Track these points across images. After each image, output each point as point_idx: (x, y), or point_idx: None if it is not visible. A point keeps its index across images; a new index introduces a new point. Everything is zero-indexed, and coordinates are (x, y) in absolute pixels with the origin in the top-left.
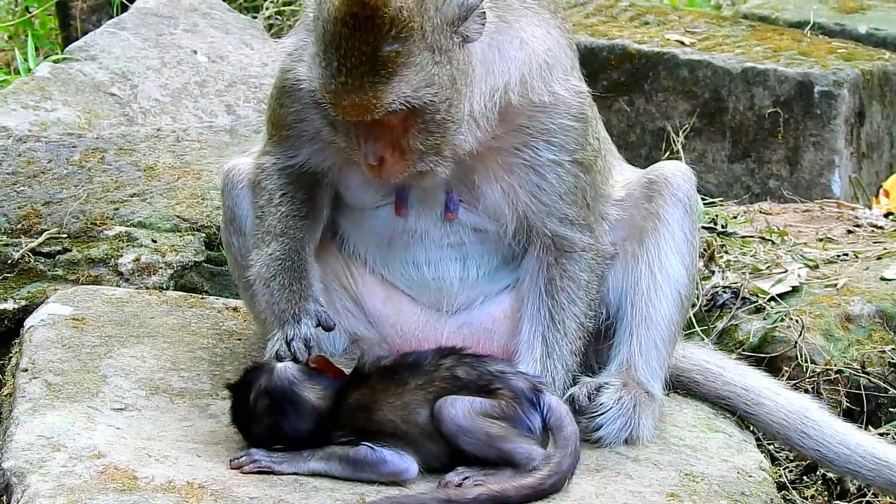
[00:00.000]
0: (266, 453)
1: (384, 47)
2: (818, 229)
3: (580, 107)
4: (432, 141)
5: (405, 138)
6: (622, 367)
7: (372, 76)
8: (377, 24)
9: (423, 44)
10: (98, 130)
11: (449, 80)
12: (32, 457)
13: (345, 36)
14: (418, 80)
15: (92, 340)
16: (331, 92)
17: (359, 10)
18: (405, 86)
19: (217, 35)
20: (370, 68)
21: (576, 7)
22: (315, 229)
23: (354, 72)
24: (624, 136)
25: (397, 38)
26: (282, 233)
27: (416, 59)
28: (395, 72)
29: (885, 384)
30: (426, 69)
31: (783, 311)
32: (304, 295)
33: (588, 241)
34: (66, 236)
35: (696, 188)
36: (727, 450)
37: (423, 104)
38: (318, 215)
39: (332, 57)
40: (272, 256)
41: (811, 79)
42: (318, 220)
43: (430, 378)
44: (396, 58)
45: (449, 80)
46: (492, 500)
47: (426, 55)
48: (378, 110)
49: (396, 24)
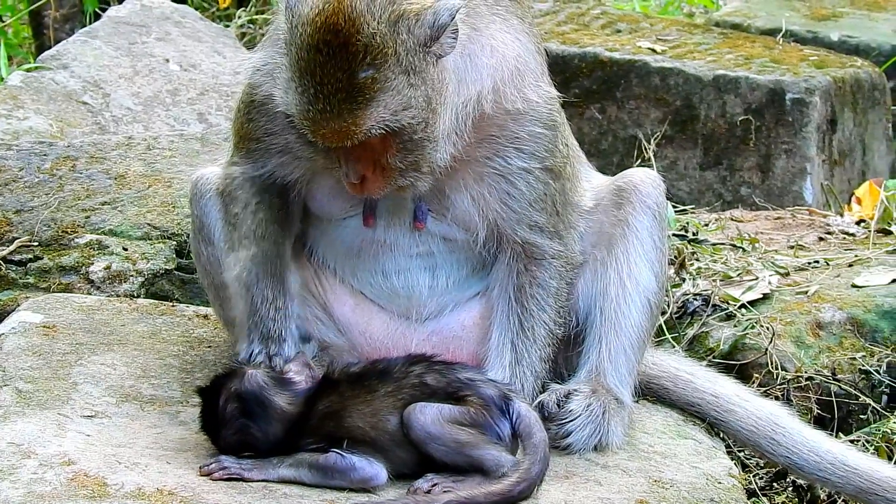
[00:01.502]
0: (236, 460)
1: (360, 74)
2: (790, 237)
3: (550, 114)
4: (411, 158)
5: (385, 157)
6: (591, 374)
7: (349, 103)
8: (351, 52)
9: (398, 68)
10: (70, 139)
11: (425, 100)
12: (2, 464)
13: (319, 63)
14: (395, 104)
15: (63, 348)
16: (309, 119)
17: (332, 38)
18: (383, 110)
19: (189, 44)
20: (347, 95)
21: (548, 15)
22: (290, 235)
23: (331, 99)
24: (595, 143)
25: (372, 63)
26: (262, 237)
27: (391, 84)
28: (373, 97)
29: (856, 391)
30: (402, 92)
31: (754, 319)
32: (287, 313)
33: (558, 248)
34: (38, 244)
35: (667, 195)
36: (696, 456)
37: (401, 126)
38: (292, 222)
39: (308, 84)
40: (254, 260)
41: (783, 86)
42: (293, 226)
43: (399, 385)
44: (373, 84)
45: (425, 101)
46: None
47: (401, 78)
48: (357, 136)
49: (371, 51)
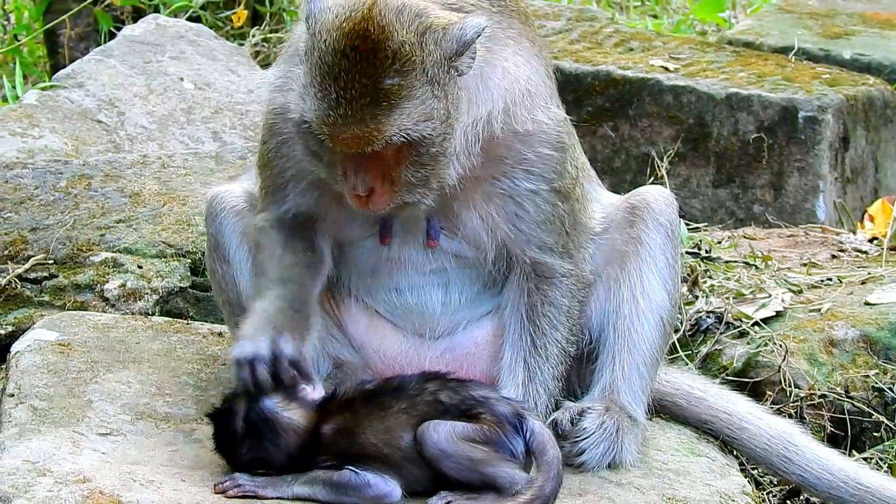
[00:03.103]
0: (250, 478)
1: (386, 80)
2: (802, 254)
3: (559, 135)
4: (423, 173)
5: (396, 170)
6: (605, 392)
7: (373, 108)
8: (379, 58)
9: (423, 77)
10: (85, 157)
11: (444, 113)
12: (18, 481)
13: (345, 68)
14: (418, 114)
15: (78, 366)
16: (328, 123)
17: (360, 43)
18: (406, 118)
19: (204, 62)
20: (371, 100)
21: (560, 33)
22: (319, 279)
23: (355, 104)
24: (608, 161)
25: (399, 71)
26: (289, 279)
27: (415, 93)
28: (397, 104)
29: (869, 409)
30: (426, 103)
31: (767, 336)
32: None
33: (568, 267)
34: (53, 262)
35: (680, 213)
36: (710, 474)
37: (420, 137)
38: (321, 266)
39: (331, 88)
40: (279, 297)
41: (795, 104)
42: (321, 271)
43: (413, 402)
44: (398, 91)
45: (444, 114)
46: None
47: (426, 89)
48: (378, 142)
49: (399, 58)
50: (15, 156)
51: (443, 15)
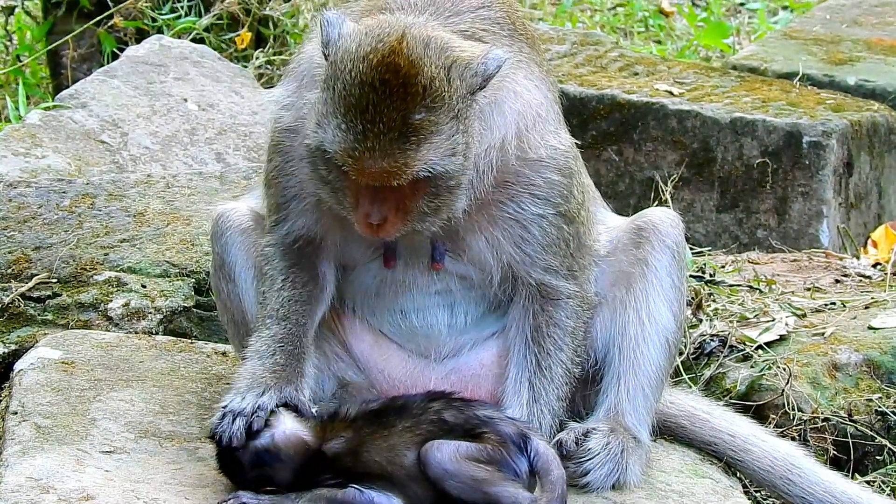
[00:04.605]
0: (254, 496)
1: (415, 115)
2: (806, 279)
3: (566, 161)
4: (437, 203)
5: (412, 201)
6: (610, 413)
7: (402, 143)
8: (410, 92)
9: (450, 112)
10: (88, 177)
11: (465, 146)
12: (21, 499)
13: (373, 101)
14: (444, 149)
15: (81, 384)
16: (354, 157)
17: (391, 77)
18: (433, 154)
19: (207, 83)
20: (399, 135)
21: (565, 57)
22: (318, 312)
23: (383, 138)
24: (613, 185)
25: (428, 106)
26: (284, 317)
27: (443, 128)
28: (425, 139)
29: (872, 432)
30: (451, 138)
31: (770, 360)
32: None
33: (573, 288)
34: (56, 281)
35: (685, 236)
36: (714, 495)
37: (444, 171)
38: (322, 296)
39: (357, 121)
40: (273, 338)
41: (800, 129)
42: (322, 301)
43: (417, 421)
44: (427, 126)
45: (465, 147)
46: None
47: (452, 123)
48: (405, 177)
49: (429, 93)
50: (18, 175)
51: (465, 47)
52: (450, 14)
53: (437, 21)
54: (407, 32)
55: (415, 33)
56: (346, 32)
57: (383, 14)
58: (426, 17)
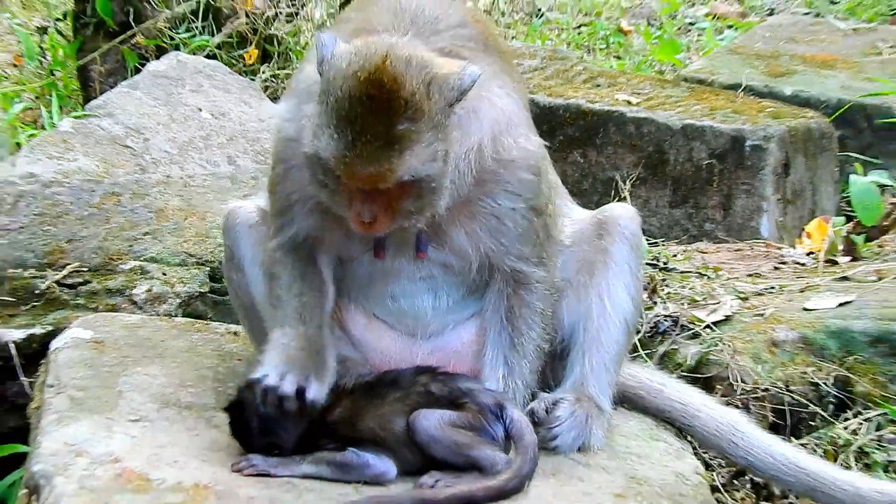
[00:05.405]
0: (263, 458)
1: (398, 126)
2: (748, 266)
3: (536, 161)
4: (420, 203)
5: (398, 202)
6: (576, 385)
7: (387, 150)
8: (393, 106)
9: (430, 123)
10: (114, 177)
11: (444, 153)
12: (58, 462)
13: (361, 113)
14: (425, 155)
15: (110, 360)
16: (345, 163)
17: (377, 93)
18: (415, 160)
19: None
20: (384, 144)
21: (536, 70)
22: (328, 308)
23: (370, 146)
24: (578, 184)
25: (410, 118)
26: (306, 317)
27: (423, 137)
28: (408, 147)
29: (806, 401)
30: (431, 145)
31: (717, 337)
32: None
33: (542, 274)
34: (87, 270)
35: (641, 229)
36: (667, 457)
37: (426, 175)
38: (328, 292)
39: (347, 131)
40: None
41: (743, 134)
42: (329, 296)
43: (406, 392)
44: (409, 135)
45: (444, 153)
46: (461, 500)
47: (431, 133)
48: (390, 181)
49: (410, 106)
50: (52, 176)
51: (443, 64)
52: (430, 33)
53: (418, 40)
54: (390, 52)
55: (397, 53)
56: (338, 52)
57: (370, 34)
58: (409, 36)
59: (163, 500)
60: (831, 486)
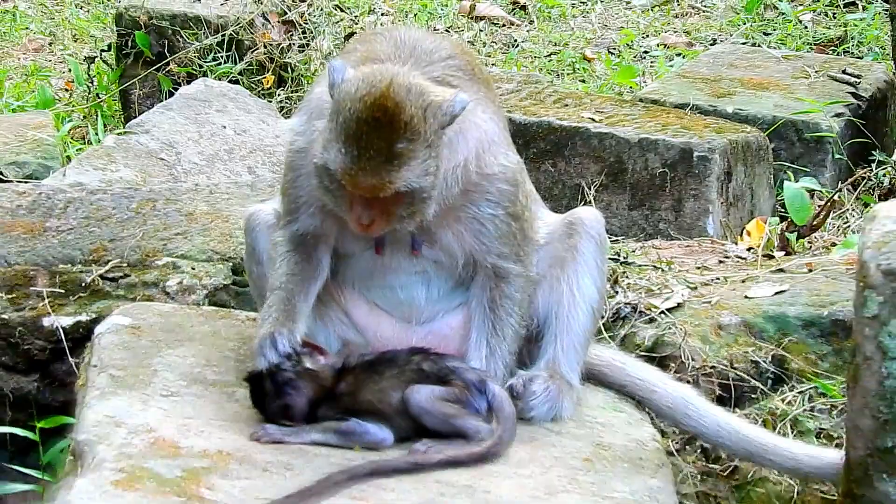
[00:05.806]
0: (278, 428)
1: (398, 144)
2: (697, 260)
3: (514, 174)
4: (412, 209)
5: (394, 208)
6: (549, 363)
7: (387, 165)
8: (395, 127)
9: (425, 142)
10: (150, 185)
11: (435, 168)
12: (100, 431)
13: (366, 132)
14: (419, 170)
15: (146, 344)
16: (350, 174)
17: (380, 115)
18: (410, 174)
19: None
20: (385, 159)
21: (513, 93)
22: (312, 286)
23: (372, 161)
24: (549, 190)
25: (408, 138)
26: (279, 287)
27: (419, 154)
28: (405, 163)
29: (748, 377)
30: (425, 162)
31: (670, 322)
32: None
33: (520, 269)
34: (127, 265)
35: (605, 229)
36: (628, 426)
37: (419, 187)
38: (316, 274)
39: (353, 147)
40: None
41: (691, 147)
42: (317, 278)
43: (402, 370)
44: (407, 153)
45: (435, 169)
46: (449, 463)
47: (426, 151)
48: (389, 191)
49: (409, 128)
50: (97, 184)
51: (438, 91)
52: (426, 64)
53: (416, 70)
54: (394, 80)
55: (400, 80)
56: (347, 77)
57: (375, 63)
58: (408, 66)
59: (191, 464)
60: (770, 451)
